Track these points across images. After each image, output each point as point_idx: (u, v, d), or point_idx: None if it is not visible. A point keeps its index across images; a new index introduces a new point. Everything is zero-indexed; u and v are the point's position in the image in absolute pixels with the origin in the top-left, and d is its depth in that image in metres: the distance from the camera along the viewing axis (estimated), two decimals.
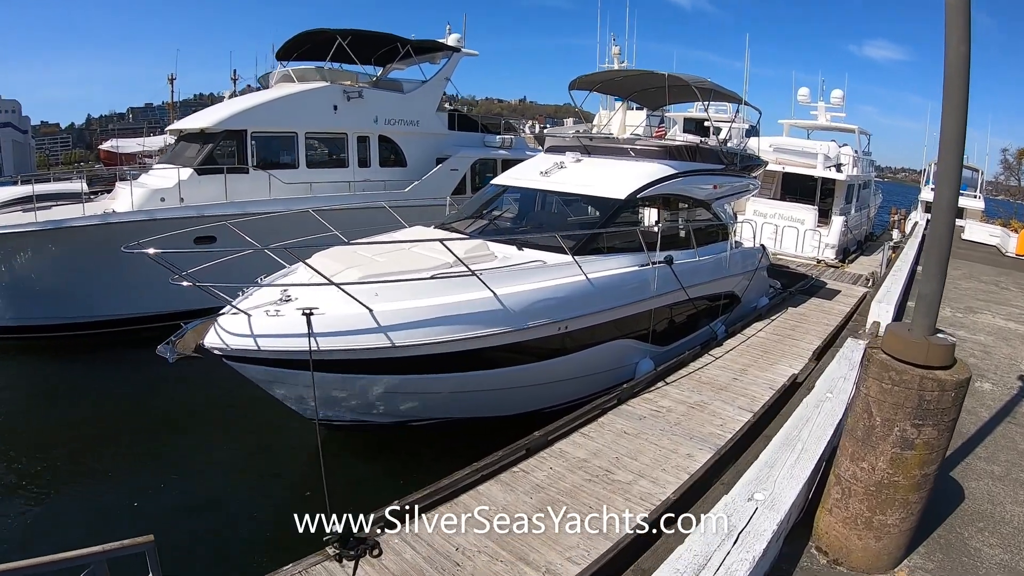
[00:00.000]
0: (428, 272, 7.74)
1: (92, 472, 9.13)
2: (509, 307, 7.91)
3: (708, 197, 12.19)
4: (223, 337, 6.91)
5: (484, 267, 8.21)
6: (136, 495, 8.36)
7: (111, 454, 9.55)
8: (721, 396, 8.97)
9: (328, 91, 17.35)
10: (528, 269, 8.58)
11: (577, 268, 8.71)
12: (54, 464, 9.21)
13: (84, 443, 9.81)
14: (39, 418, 10.91)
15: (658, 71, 12.54)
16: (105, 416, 10.78)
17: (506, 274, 8.29)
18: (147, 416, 10.60)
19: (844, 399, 5.52)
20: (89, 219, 13.56)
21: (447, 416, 8.78)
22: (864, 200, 26.97)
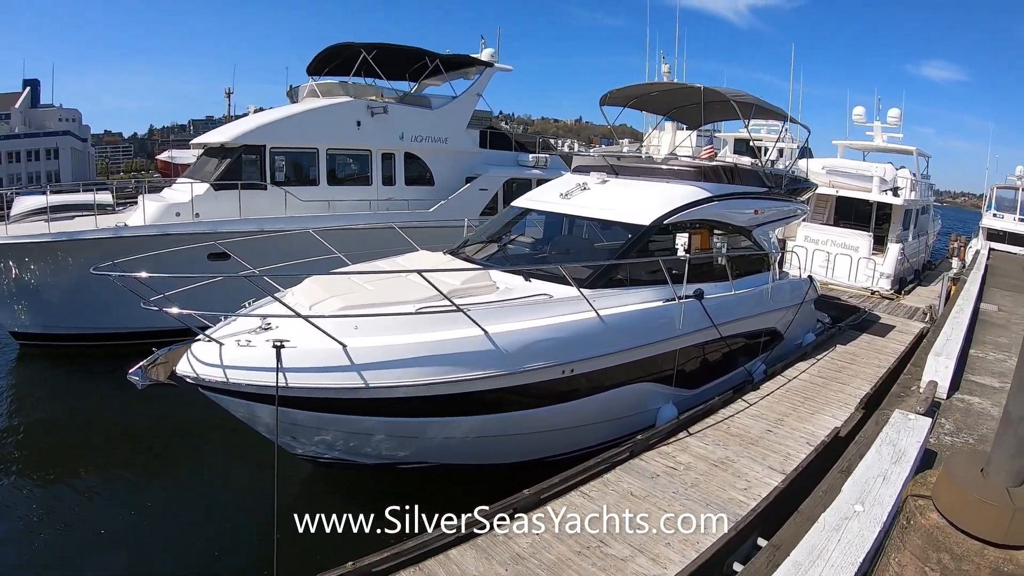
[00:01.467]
0: (415, 305, 7.02)
1: (93, 478, 9.49)
2: (502, 347, 7.07)
3: (748, 223, 11.10)
4: (194, 365, 6.55)
5: (480, 300, 7.47)
6: (137, 505, 8.67)
7: (121, 462, 9.95)
8: (750, 452, 7.89)
9: (351, 106, 16.83)
10: (529, 304, 7.70)
11: (588, 303, 7.78)
12: (72, 466, 9.78)
13: (101, 449, 10.33)
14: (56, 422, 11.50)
15: (694, 84, 11.55)
16: (110, 424, 11.02)
17: (502, 310, 7.46)
18: (155, 428, 10.60)
19: (879, 519, 4.15)
20: (99, 232, 13.48)
21: (439, 461, 7.96)
22: (922, 226, 25.34)
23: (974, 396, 8.19)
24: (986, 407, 7.83)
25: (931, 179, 28.09)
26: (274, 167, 15.91)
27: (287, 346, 6.17)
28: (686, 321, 8.87)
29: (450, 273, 8.28)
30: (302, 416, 6.79)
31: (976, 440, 6.79)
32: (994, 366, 9.56)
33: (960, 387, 8.48)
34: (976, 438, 6.85)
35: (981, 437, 6.84)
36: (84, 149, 69.76)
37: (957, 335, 9.40)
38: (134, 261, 7.82)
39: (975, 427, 7.19)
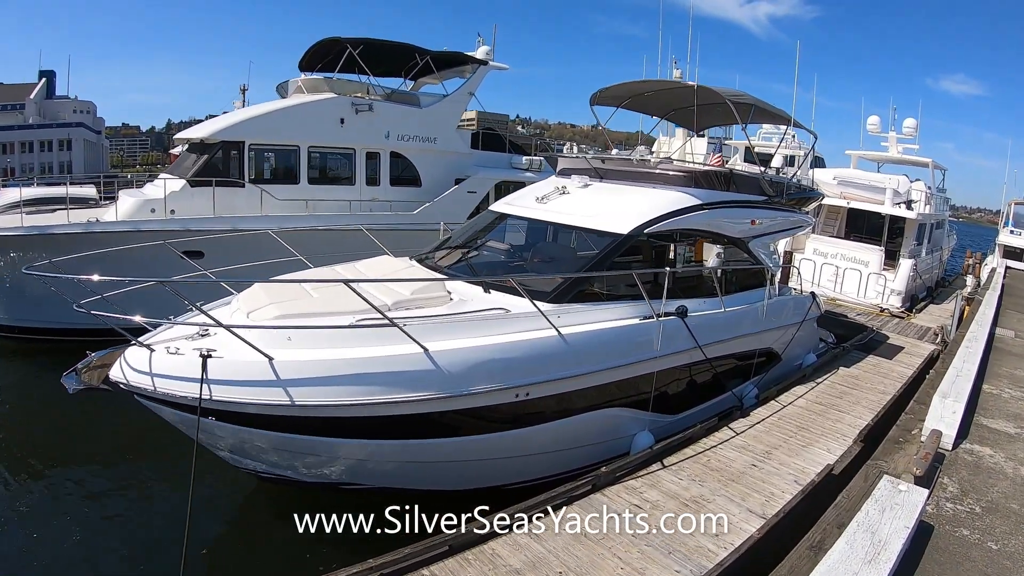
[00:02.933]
0: (354, 316, 6.42)
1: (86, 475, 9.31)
2: (443, 367, 6.39)
3: (743, 234, 10.26)
4: (125, 371, 6.28)
5: (427, 313, 6.84)
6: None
7: (75, 460, 9.71)
8: (729, 490, 7.05)
9: (334, 103, 16.34)
10: (480, 320, 6.96)
11: (546, 320, 7.03)
12: (27, 462, 9.59)
13: (58, 445, 10.07)
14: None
15: (688, 83, 10.74)
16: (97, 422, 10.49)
17: (448, 325, 6.77)
18: (115, 427, 10.04)
19: None
20: (70, 227, 13.29)
21: (380, 485, 7.26)
22: (936, 241, 24.29)
23: (985, 446, 7.23)
24: (998, 461, 6.86)
25: (947, 193, 27.09)
26: (253, 164, 15.48)
27: (214, 356, 5.84)
28: (665, 341, 8.06)
29: (403, 283, 7.67)
30: (229, 430, 6.40)
31: (983, 508, 5.82)
32: (1009, 406, 8.61)
33: (969, 434, 7.52)
34: (984, 505, 5.87)
35: (990, 504, 5.89)
36: (98, 141, 70.53)
37: (969, 370, 8.49)
38: (90, 258, 7.84)
39: (984, 490, 6.21)
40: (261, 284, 7.53)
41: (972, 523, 5.51)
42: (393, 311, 6.75)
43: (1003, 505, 5.89)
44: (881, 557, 4.13)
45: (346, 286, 6.27)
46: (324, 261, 9.08)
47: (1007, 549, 5.15)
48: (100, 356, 6.74)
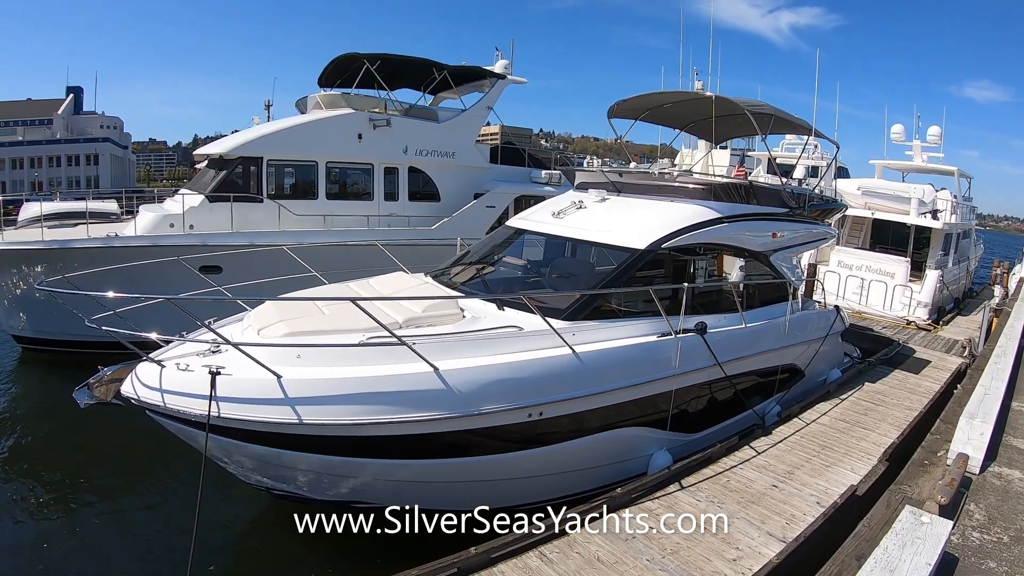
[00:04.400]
0: (363, 334, 6.32)
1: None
2: (454, 386, 6.26)
3: (764, 248, 10.07)
4: (136, 387, 6.26)
5: (438, 331, 6.74)
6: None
7: (98, 472, 9.80)
8: (749, 512, 6.84)
9: (352, 118, 16.45)
10: (493, 338, 6.85)
11: (563, 338, 6.89)
12: (49, 474, 9.67)
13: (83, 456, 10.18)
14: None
15: (706, 93, 10.56)
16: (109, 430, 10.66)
17: (459, 343, 6.65)
18: (134, 440, 9.87)
19: None
20: (89, 241, 13.48)
21: (394, 504, 7.04)
22: (963, 251, 23.77)
23: (1015, 469, 6.94)
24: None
25: (973, 202, 26.55)
26: (271, 180, 15.62)
27: (223, 373, 5.86)
28: (684, 358, 7.90)
29: (415, 300, 7.55)
30: (238, 447, 6.37)
31: (1012, 538, 5.55)
32: None
33: (997, 456, 7.25)
34: (1012, 534, 5.60)
35: (1019, 533, 5.62)
36: (124, 156, 71.81)
37: (997, 389, 8.21)
38: (105, 273, 8.02)
39: (1012, 517, 5.94)
40: (272, 301, 7.45)
41: (999, 555, 5.26)
42: (404, 329, 6.67)
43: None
44: None
45: (355, 304, 6.20)
46: (340, 277, 9.00)
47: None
48: (112, 371, 6.71)
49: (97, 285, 6.52)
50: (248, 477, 7.20)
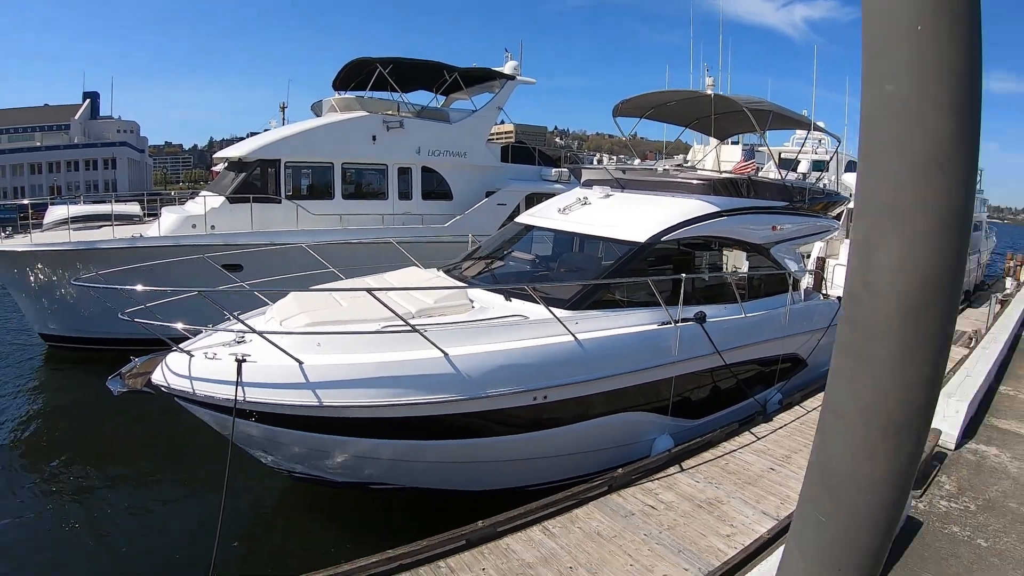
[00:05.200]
0: (380, 323, 6.74)
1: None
2: (463, 371, 6.64)
3: (765, 240, 10.33)
4: (166, 375, 6.61)
5: (449, 320, 7.11)
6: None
7: (120, 464, 10.12)
8: (745, 492, 7.16)
9: (366, 121, 16.90)
10: (499, 326, 7.22)
11: (563, 326, 7.24)
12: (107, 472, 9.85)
13: (102, 450, 10.52)
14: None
15: (705, 92, 10.82)
16: (113, 426, 11.13)
17: (469, 331, 7.02)
18: (156, 432, 10.48)
19: None
20: (116, 242, 13.95)
21: (407, 484, 7.60)
22: (974, 244, 23.67)
23: (991, 446, 7.25)
24: (1003, 461, 6.89)
25: (985, 194, 26.49)
26: (289, 181, 16.09)
27: (248, 360, 6.21)
28: (683, 346, 8.21)
29: (427, 291, 7.95)
30: (262, 430, 6.72)
31: (979, 506, 5.88)
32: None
33: (977, 434, 7.55)
34: (980, 504, 5.94)
35: (987, 503, 5.95)
36: (141, 160, 72.35)
37: (980, 371, 8.48)
38: (134, 271, 8.14)
39: (982, 488, 6.27)
40: (294, 294, 7.84)
41: (964, 520, 5.57)
42: (417, 318, 7.04)
43: (1000, 503, 5.93)
44: None
45: (370, 294, 6.60)
46: (356, 273, 9.40)
47: (997, 547, 5.20)
48: (143, 361, 7.09)
49: (125, 284, 6.86)
50: (272, 461, 7.62)
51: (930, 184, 1.32)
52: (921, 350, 1.41)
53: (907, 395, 1.44)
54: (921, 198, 1.33)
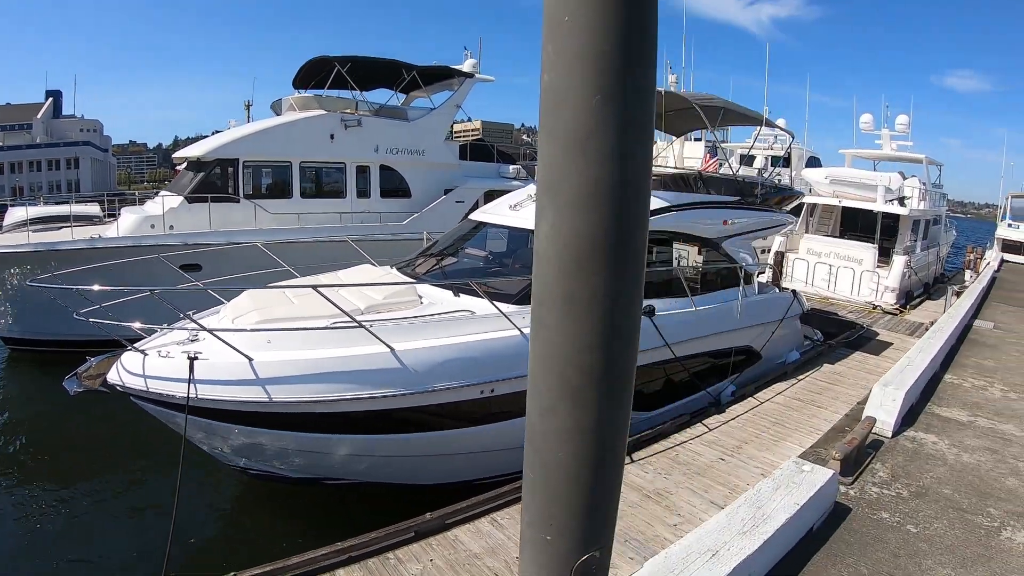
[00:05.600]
0: (329, 320, 6.81)
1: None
2: (409, 365, 6.74)
3: (716, 235, 10.47)
4: (121, 374, 6.68)
5: (397, 316, 7.20)
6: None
7: (80, 465, 10.01)
8: (694, 483, 7.25)
9: (324, 120, 16.94)
10: (446, 321, 7.28)
11: (513, 321, 7.31)
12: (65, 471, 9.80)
13: (62, 451, 10.41)
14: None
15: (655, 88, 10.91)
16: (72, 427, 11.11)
17: (416, 326, 7.09)
18: (113, 432, 10.51)
19: None
20: (74, 243, 13.84)
21: (360, 479, 7.64)
22: (933, 238, 24.27)
23: (930, 434, 7.41)
24: (941, 448, 7.05)
25: (945, 188, 27.02)
26: (247, 180, 16.06)
27: (200, 358, 6.31)
28: None
29: (376, 287, 8.03)
30: (215, 427, 6.82)
31: (912, 493, 6.00)
32: (968, 395, 8.78)
33: (916, 422, 7.72)
34: (913, 490, 6.06)
35: (920, 489, 6.07)
36: (105, 159, 71.24)
37: (921, 360, 8.65)
38: (91, 271, 8.28)
39: (917, 475, 6.39)
40: (248, 292, 7.96)
41: (895, 507, 5.68)
42: (365, 315, 7.13)
43: (934, 490, 6.06)
44: (759, 529, 4.32)
45: (316, 292, 6.67)
46: (313, 271, 9.39)
47: (926, 532, 5.29)
48: (98, 361, 7.12)
49: (84, 284, 6.85)
50: (225, 458, 7.65)
51: (574, 161, 1.44)
52: (581, 312, 1.53)
53: (577, 357, 1.56)
54: (567, 174, 1.46)
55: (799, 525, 4.70)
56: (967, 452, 7.05)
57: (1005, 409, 8.63)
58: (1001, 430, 7.82)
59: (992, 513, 5.71)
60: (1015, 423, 8.14)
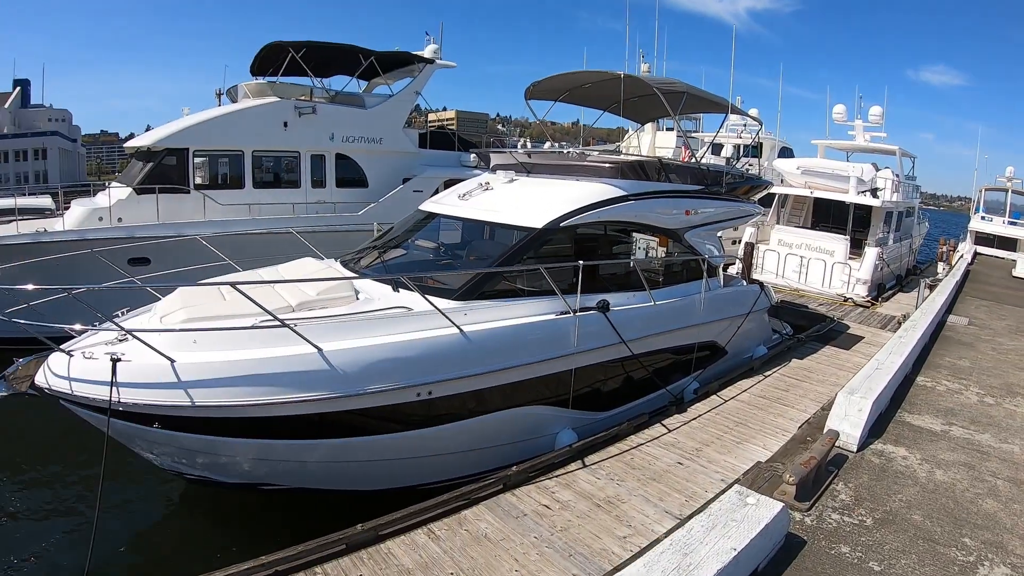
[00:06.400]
0: (256, 318, 6.38)
1: None
2: (337, 366, 6.32)
3: (678, 225, 10.04)
4: (48, 376, 6.38)
5: (329, 313, 6.82)
6: None
7: None
8: (648, 489, 6.82)
9: (276, 107, 16.43)
10: (381, 319, 6.82)
11: (452, 318, 6.89)
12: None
13: None
14: None
15: (615, 72, 10.45)
16: None
17: (346, 325, 6.64)
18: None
19: None
20: (17, 238, 13.41)
21: (295, 485, 7.22)
22: (906, 230, 24.11)
23: (900, 446, 6.90)
24: (911, 464, 6.53)
25: (918, 180, 26.88)
26: (197, 170, 15.61)
27: (123, 360, 6.03)
28: (584, 337, 7.87)
29: (310, 283, 7.56)
30: (139, 431, 6.48)
31: (877, 520, 5.44)
32: (942, 399, 8.36)
33: (885, 432, 7.22)
34: (878, 517, 5.50)
35: (886, 516, 5.52)
36: (74, 149, 70.18)
37: (891, 363, 8.18)
38: (31, 266, 8.37)
39: (883, 498, 5.85)
40: (181, 289, 7.59)
41: (857, 538, 5.12)
42: (296, 312, 6.78)
43: (902, 516, 5.54)
44: None
45: (236, 289, 6.26)
46: (259, 265, 9.06)
47: (893, 570, 4.72)
48: (26, 362, 6.81)
49: (22, 279, 6.55)
50: (161, 463, 7.26)
51: None
52: None
53: None
54: None
55: (736, 572, 4.16)
56: (940, 468, 6.55)
57: (981, 416, 8.13)
58: (978, 441, 7.31)
59: (967, 544, 5.17)
60: (992, 432, 7.64)
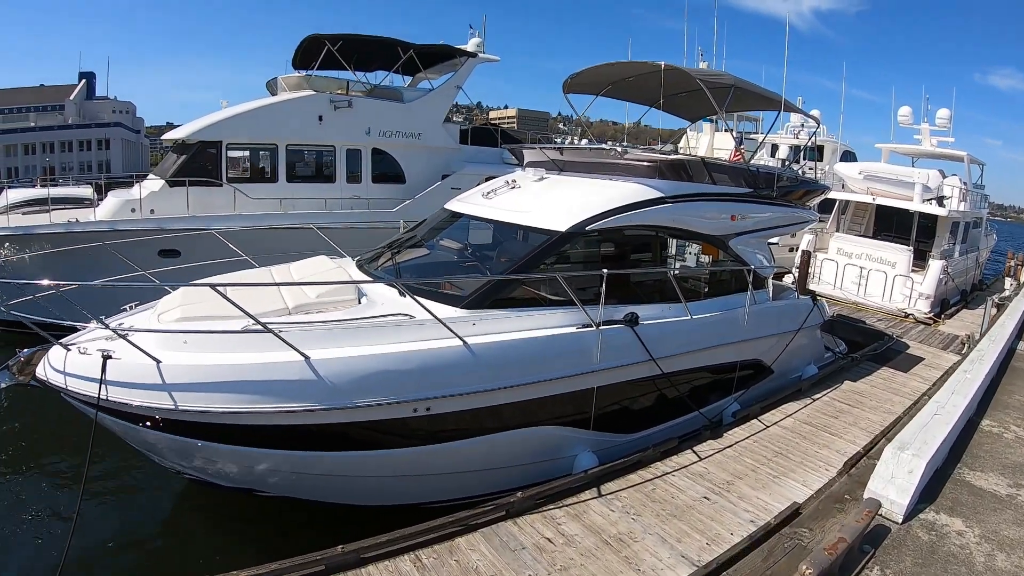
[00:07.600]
0: (247, 321, 6.01)
1: None
2: (325, 376, 5.90)
3: (722, 231, 9.22)
4: (46, 369, 6.38)
5: (328, 318, 6.49)
6: None
7: None
8: (666, 526, 6.09)
9: (311, 100, 16.19)
10: (378, 326, 6.36)
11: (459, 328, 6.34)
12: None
13: None
14: None
15: (655, 63, 9.62)
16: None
17: (341, 332, 6.25)
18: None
19: None
20: (50, 227, 13.56)
21: (288, 495, 6.91)
22: (973, 241, 22.52)
23: (955, 516, 5.68)
24: (968, 542, 5.32)
25: (986, 189, 25.19)
26: (232, 163, 15.60)
27: (114, 357, 5.96)
28: (608, 353, 7.17)
29: (311, 285, 7.17)
30: (131, 429, 6.36)
31: None
32: (1012, 451, 7.23)
33: (940, 496, 6.05)
34: None
35: None
36: (137, 140, 72.81)
37: (954, 406, 7.00)
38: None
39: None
40: (184, 287, 7.31)
41: None
42: (294, 314, 6.48)
43: None
44: None
45: (214, 290, 5.98)
46: (279, 260, 8.84)
47: None
48: (29, 353, 6.75)
49: (49, 268, 6.95)
50: (160, 460, 7.10)
51: None
52: None
53: None
54: None
55: None
56: (1004, 550, 5.30)
57: None
58: None
59: None
60: None
